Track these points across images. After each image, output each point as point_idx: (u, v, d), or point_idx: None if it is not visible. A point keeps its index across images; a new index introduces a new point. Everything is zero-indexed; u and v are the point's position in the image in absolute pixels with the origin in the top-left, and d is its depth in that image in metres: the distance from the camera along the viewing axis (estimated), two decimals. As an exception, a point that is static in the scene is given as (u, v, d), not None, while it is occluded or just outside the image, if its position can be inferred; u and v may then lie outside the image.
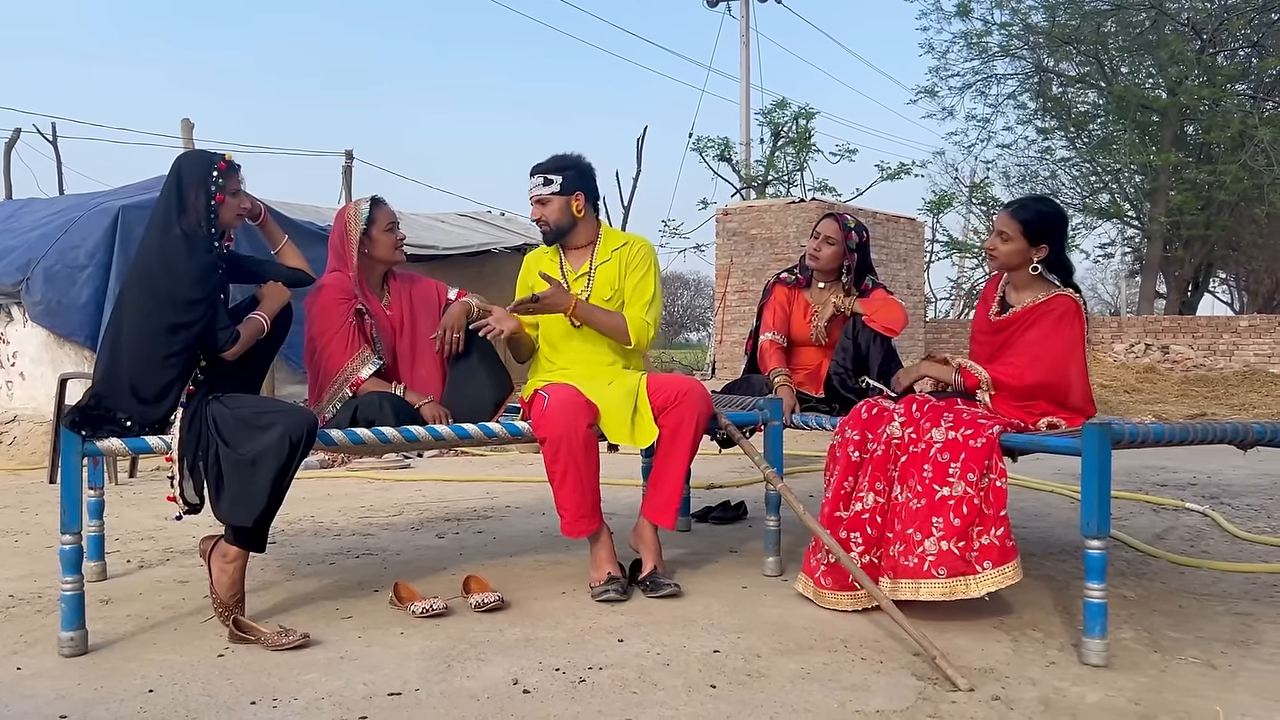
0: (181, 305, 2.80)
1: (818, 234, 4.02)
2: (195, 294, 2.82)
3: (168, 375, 2.81)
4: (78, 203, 7.84)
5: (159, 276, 2.83)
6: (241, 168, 3.00)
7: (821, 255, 3.98)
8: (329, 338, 3.30)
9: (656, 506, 3.36)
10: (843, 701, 2.33)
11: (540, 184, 3.53)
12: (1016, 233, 3.15)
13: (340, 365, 3.28)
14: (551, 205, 3.53)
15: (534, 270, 3.65)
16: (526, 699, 2.35)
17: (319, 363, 3.32)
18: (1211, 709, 2.28)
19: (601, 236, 3.64)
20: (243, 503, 2.75)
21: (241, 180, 3.01)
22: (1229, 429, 3.02)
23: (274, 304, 3.08)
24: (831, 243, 3.97)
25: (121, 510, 4.84)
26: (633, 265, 3.60)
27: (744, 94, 21.34)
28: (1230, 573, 3.59)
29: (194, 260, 2.84)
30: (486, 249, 10.22)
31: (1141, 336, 16.57)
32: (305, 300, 3.34)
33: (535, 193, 3.55)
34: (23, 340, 7.35)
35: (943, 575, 2.82)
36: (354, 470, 6.26)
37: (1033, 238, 3.15)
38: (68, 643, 2.67)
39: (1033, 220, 3.16)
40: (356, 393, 3.25)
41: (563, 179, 3.51)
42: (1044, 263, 3.17)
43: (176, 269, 2.82)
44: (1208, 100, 20.38)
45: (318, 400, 3.32)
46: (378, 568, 3.69)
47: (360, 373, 3.27)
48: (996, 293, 3.32)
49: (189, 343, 2.82)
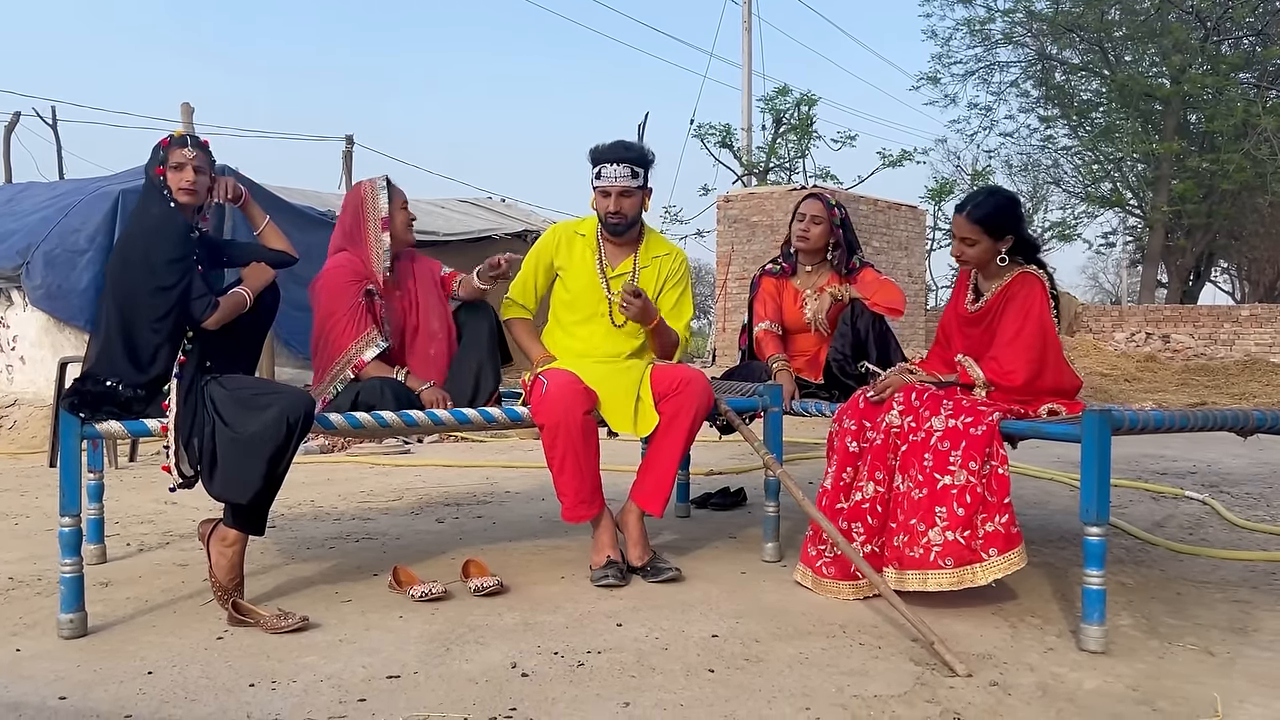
0: (161, 268, 2.82)
1: (803, 215, 3.99)
2: (172, 255, 2.84)
3: (156, 339, 2.83)
4: (78, 187, 7.83)
5: (137, 244, 2.88)
6: (193, 142, 2.94)
7: (811, 235, 3.95)
8: (337, 318, 3.28)
9: (646, 492, 3.33)
10: (840, 686, 2.33)
11: (628, 174, 3.40)
12: (979, 234, 3.18)
13: (345, 346, 3.26)
14: (634, 199, 3.44)
15: (559, 243, 3.56)
16: (525, 682, 2.36)
17: (324, 342, 3.31)
18: (1209, 695, 2.28)
19: (646, 237, 3.58)
20: (237, 481, 2.76)
21: (192, 155, 2.91)
22: (1229, 416, 3.02)
23: (256, 281, 3.06)
24: (819, 221, 3.96)
25: (121, 494, 4.84)
26: (673, 279, 3.56)
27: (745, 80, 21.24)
28: (1229, 560, 3.60)
29: (166, 228, 2.87)
30: (487, 235, 10.22)
31: (1142, 325, 16.56)
32: (312, 284, 3.34)
33: (621, 183, 3.40)
34: (23, 324, 7.35)
35: (950, 565, 2.82)
36: (354, 455, 6.27)
37: (995, 233, 3.17)
38: (67, 625, 2.67)
39: (989, 216, 3.17)
40: (359, 375, 3.25)
41: (645, 173, 3.44)
42: (1018, 248, 3.20)
43: (152, 237, 2.86)
44: (1211, 89, 20.33)
45: (320, 380, 3.32)
46: (377, 552, 3.69)
47: (364, 354, 3.26)
48: (970, 281, 3.35)
49: (171, 304, 2.83)
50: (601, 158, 3.42)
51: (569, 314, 3.54)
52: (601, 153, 3.43)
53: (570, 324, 3.54)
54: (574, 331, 3.52)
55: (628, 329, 3.49)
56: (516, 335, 3.57)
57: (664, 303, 3.53)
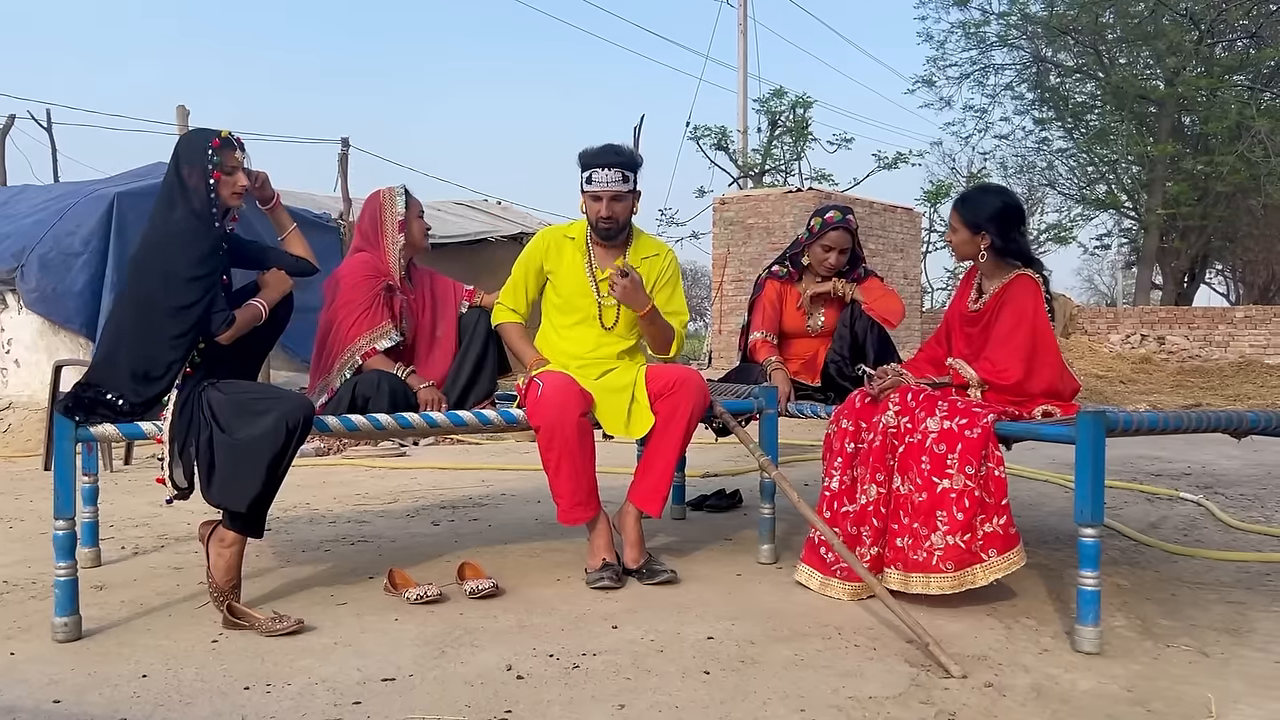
0: (184, 285, 2.78)
1: (829, 246, 3.92)
2: (198, 271, 2.79)
3: (172, 355, 2.79)
4: (73, 189, 7.81)
5: (162, 257, 2.81)
6: (241, 145, 2.94)
7: (832, 266, 3.95)
8: (353, 307, 3.29)
9: (644, 493, 3.33)
10: (836, 688, 2.33)
11: (619, 180, 3.39)
12: (959, 223, 3.28)
13: (358, 334, 3.29)
14: (624, 203, 3.44)
15: (548, 247, 3.56)
16: (520, 684, 2.36)
17: (336, 331, 3.31)
18: (1203, 696, 2.29)
19: (634, 238, 3.58)
20: (235, 486, 2.75)
21: (242, 158, 2.93)
22: (1223, 417, 3.03)
23: (274, 293, 3.04)
24: (845, 252, 3.95)
25: (116, 497, 4.83)
26: (663, 279, 3.56)
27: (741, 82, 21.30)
28: (1223, 562, 3.60)
29: (196, 239, 2.82)
30: (483, 237, 10.23)
31: (1137, 327, 16.59)
32: (328, 280, 3.36)
33: (612, 188, 3.39)
34: (17, 327, 7.33)
35: (950, 569, 2.84)
36: (350, 458, 6.26)
37: (973, 227, 3.24)
38: (61, 628, 2.67)
39: (970, 211, 3.26)
40: (364, 365, 3.27)
41: (634, 176, 3.44)
42: (998, 249, 3.23)
43: (178, 248, 2.80)
44: (1205, 91, 20.38)
45: (325, 372, 3.32)
46: (372, 554, 3.69)
47: (377, 344, 3.29)
48: (975, 280, 3.39)
49: (194, 322, 2.80)
50: (592, 162, 3.40)
51: (560, 317, 3.55)
52: (591, 157, 3.41)
53: (562, 327, 3.54)
54: (566, 334, 3.53)
55: (619, 330, 3.49)
56: (509, 339, 3.58)
57: (656, 302, 3.53)
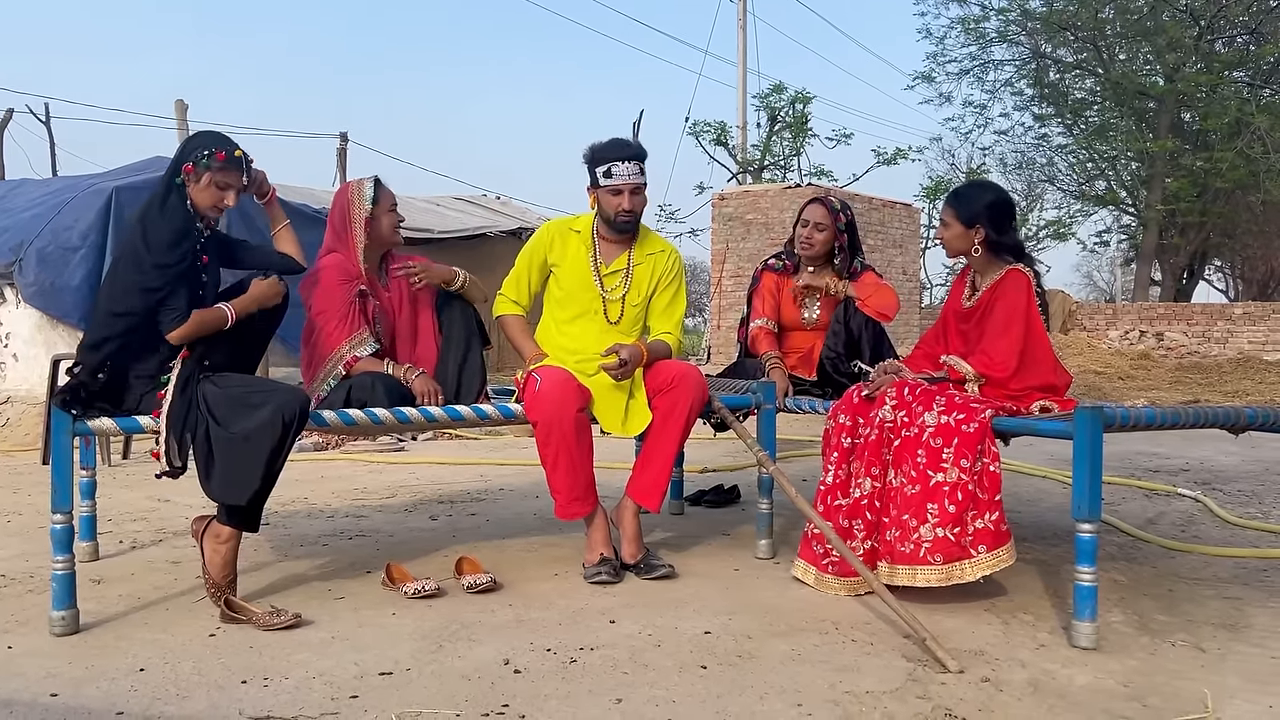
0: (151, 268, 2.78)
1: (806, 221, 3.97)
2: (165, 259, 2.79)
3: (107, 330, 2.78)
4: (71, 184, 7.80)
5: (136, 239, 2.83)
6: (247, 168, 2.94)
7: (815, 242, 3.95)
8: (327, 318, 3.28)
9: (642, 487, 3.33)
10: (833, 682, 2.34)
11: (638, 171, 3.38)
12: (951, 218, 3.29)
13: (336, 345, 3.27)
14: (643, 196, 3.44)
15: (553, 240, 3.54)
16: (518, 679, 2.36)
17: (315, 342, 3.31)
18: (1200, 691, 2.29)
19: (640, 234, 3.57)
20: (235, 482, 2.74)
21: (243, 177, 2.93)
22: (1221, 413, 3.03)
23: (249, 302, 2.97)
24: (822, 229, 3.95)
25: (114, 491, 4.83)
26: (666, 279, 3.55)
27: (741, 78, 21.27)
28: (1220, 557, 3.61)
29: (168, 224, 2.83)
30: (483, 233, 10.21)
31: (1136, 323, 16.61)
32: (303, 282, 3.32)
33: (634, 180, 3.39)
34: (16, 322, 7.33)
35: (939, 562, 2.83)
36: (347, 452, 6.26)
37: (966, 221, 3.25)
38: (59, 622, 2.67)
39: (962, 205, 3.27)
40: (350, 372, 3.24)
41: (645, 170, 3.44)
42: (990, 244, 3.23)
43: (150, 231, 2.82)
44: (1205, 87, 20.38)
45: (311, 380, 3.32)
46: (370, 549, 3.69)
47: (356, 352, 3.26)
48: (969, 277, 3.39)
49: (142, 307, 2.78)
50: (610, 155, 3.38)
51: (562, 311, 3.54)
52: (608, 151, 3.39)
53: (563, 321, 3.53)
54: (567, 329, 3.51)
55: (621, 326, 3.49)
56: (510, 332, 3.57)
57: (657, 301, 3.53)
